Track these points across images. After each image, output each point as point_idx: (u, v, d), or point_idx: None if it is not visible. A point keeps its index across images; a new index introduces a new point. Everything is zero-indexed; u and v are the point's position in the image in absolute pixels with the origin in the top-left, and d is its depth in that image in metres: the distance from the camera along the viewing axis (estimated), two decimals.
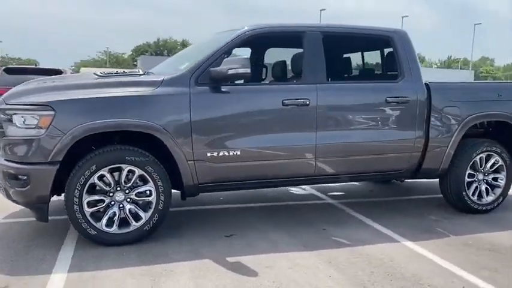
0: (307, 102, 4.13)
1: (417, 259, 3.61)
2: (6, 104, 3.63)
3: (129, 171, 3.69)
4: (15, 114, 3.54)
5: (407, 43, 4.67)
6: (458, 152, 4.82)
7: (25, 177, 3.51)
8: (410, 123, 4.54)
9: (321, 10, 50.03)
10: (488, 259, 3.66)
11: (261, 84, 4.81)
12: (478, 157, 4.87)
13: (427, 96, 4.60)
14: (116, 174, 3.70)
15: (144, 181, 3.75)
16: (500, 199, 5.01)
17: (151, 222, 3.77)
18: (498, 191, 5.01)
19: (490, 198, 4.98)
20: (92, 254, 3.53)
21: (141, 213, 3.77)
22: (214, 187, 4.14)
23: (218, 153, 3.90)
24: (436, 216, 4.82)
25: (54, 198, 3.83)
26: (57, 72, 10.15)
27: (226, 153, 3.93)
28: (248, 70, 3.74)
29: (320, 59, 4.30)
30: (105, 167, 3.61)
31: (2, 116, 3.61)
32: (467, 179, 4.85)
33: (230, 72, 3.74)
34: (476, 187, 4.93)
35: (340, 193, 5.84)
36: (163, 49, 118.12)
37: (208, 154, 3.87)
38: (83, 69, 34.78)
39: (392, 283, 3.16)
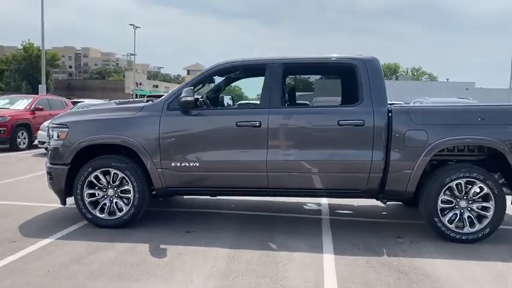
0: (258, 124, 4.81)
1: (308, 268, 3.94)
2: (52, 124, 5.37)
3: (115, 173, 5.01)
4: (53, 130, 5.23)
5: (373, 70, 4.89)
6: (431, 176, 4.76)
7: (51, 173, 5.16)
8: (366, 145, 4.74)
9: None
10: (384, 278, 3.76)
11: (222, 109, 5.60)
12: (455, 183, 4.68)
13: (387, 120, 4.73)
14: (107, 176, 5.05)
15: (127, 182, 5.01)
16: (487, 230, 4.67)
17: (129, 213, 5.00)
18: (485, 221, 4.69)
19: (474, 228, 4.70)
20: (85, 231, 4.94)
21: (124, 206, 5.03)
22: (181, 191, 5.18)
23: (181, 164, 4.92)
24: (405, 240, 4.82)
25: None
26: None
27: (187, 164, 4.91)
28: (190, 98, 4.71)
29: (276, 87, 4.93)
30: (98, 169, 5.01)
31: (49, 132, 5.34)
32: (440, 205, 4.72)
33: (182, 100, 4.76)
34: (455, 214, 4.73)
35: (348, 211, 6.10)
36: None
37: (173, 164, 4.92)
38: None
39: (249, 276, 3.69)
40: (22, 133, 13.10)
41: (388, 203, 6.27)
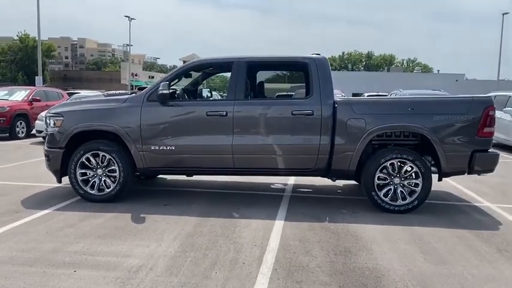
0: (224, 114, 5.68)
1: (260, 230, 4.83)
2: (49, 113, 6.22)
3: (103, 156, 5.88)
4: (50, 119, 6.09)
5: (322, 67, 5.75)
6: (370, 157, 5.65)
7: (49, 156, 6.03)
8: (315, 131, 5.61)
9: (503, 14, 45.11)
10: (318, 237, 4.65)
11: (194, 100, 6.46)
12: (389, 163, 5.56)
13: (332, 110, 5.60)
14: (97, 158, 5.92)
15: (113, 163, 5.88)
16: (416, 202, 5.57)
17: (115, 190, 5.88)
18: (414, 195, 5.59)
19: (405, 201, 5.59)
20: (78, 204, 5.82)
21: (111, 184, 5.90)
22: (159, 171, 6.06)
23: (159, 147, 5.78)
24: (348, 211, 5.71)
25: None
26: None
27: (165, 148, 5.78)
28: (166, 91, 5.56)
29: (241, 81, 5.78)
30: (88, 152, 5.87)
31: (47, 120, 6.20)
32: (377, 181, 5.61)
33: (159, 92, 5.62)
34: (390, 189, 5.62)
35: (308, 190, 7.00)
36: (347, 62, 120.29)
37: (152, 148, 5.79)
38: None
39: (210, 236, 4.58)
40: (21, 123, 13.95)
41: (344, 182, 7.20)
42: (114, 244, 4.34)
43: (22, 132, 14.02)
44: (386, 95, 20.28)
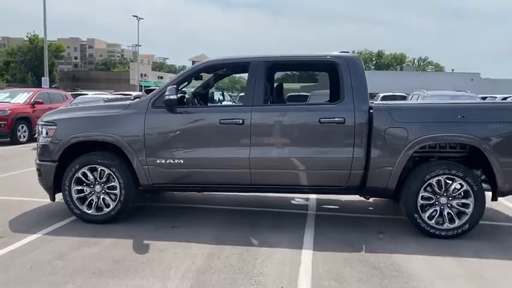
0: (240, 122, 4.88)
1: (285, 264, 4.03)
2: (40, 121, 5.46)
3: (101, 170, 5.10)
4: (42, 127, 5.33)
5: (354, 68, 4.92)
6: (411, 173, 4.81)
7: (41, 170, 5.27)
8: (347, 142, 4.79)
9: None
10: (357, 274, 3.84)
11: (205, 107, 5.67)
12: (435, 179, 4.73)
13: (367, 117, 4.77)
14: (95, 173, 5.15)
15: (113, 178, 5.10)
16: (466, 226, 4.73)
17: (115, 209, 5.10)
18: (464, 217, 4.75)
19: (454, 224, 4.75)
20: (73, 226, 5.07)
21: (111, 202, 5.13)
22: (166, 187, 5.27)
23: (166, 161, 5.00)
24: (386, 235, 4.89)
25: None
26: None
27: (172, 161, 4.99)
28: (173, 96, 4.77)
29: (259, 84, 4.98)
30: (85, 166, 5.10)
31: (38, 129, 5.44)
32: (420, 201, 4.77)
33: (165, 98, 4.83)
34: (435, 210, 4.78)
35: (334, 207, 6.18)
36: None
37: (158, 161, 5.00)
38: None
39: (226, 272, 3.79)
40: (22, 126, 13.28)
41: (375, 198, 6.36)
42: (109, 285, 3.57)
43: (24, 137, 13.34)
44: (405, 96, 19.34)
